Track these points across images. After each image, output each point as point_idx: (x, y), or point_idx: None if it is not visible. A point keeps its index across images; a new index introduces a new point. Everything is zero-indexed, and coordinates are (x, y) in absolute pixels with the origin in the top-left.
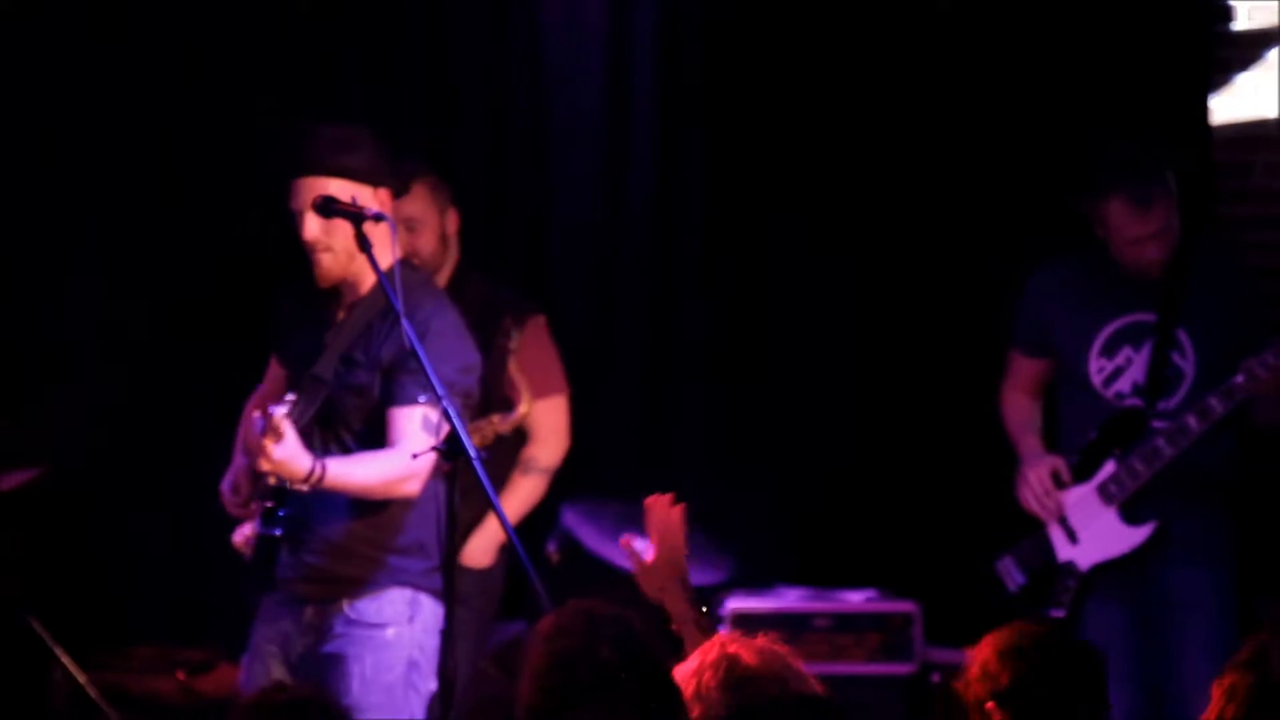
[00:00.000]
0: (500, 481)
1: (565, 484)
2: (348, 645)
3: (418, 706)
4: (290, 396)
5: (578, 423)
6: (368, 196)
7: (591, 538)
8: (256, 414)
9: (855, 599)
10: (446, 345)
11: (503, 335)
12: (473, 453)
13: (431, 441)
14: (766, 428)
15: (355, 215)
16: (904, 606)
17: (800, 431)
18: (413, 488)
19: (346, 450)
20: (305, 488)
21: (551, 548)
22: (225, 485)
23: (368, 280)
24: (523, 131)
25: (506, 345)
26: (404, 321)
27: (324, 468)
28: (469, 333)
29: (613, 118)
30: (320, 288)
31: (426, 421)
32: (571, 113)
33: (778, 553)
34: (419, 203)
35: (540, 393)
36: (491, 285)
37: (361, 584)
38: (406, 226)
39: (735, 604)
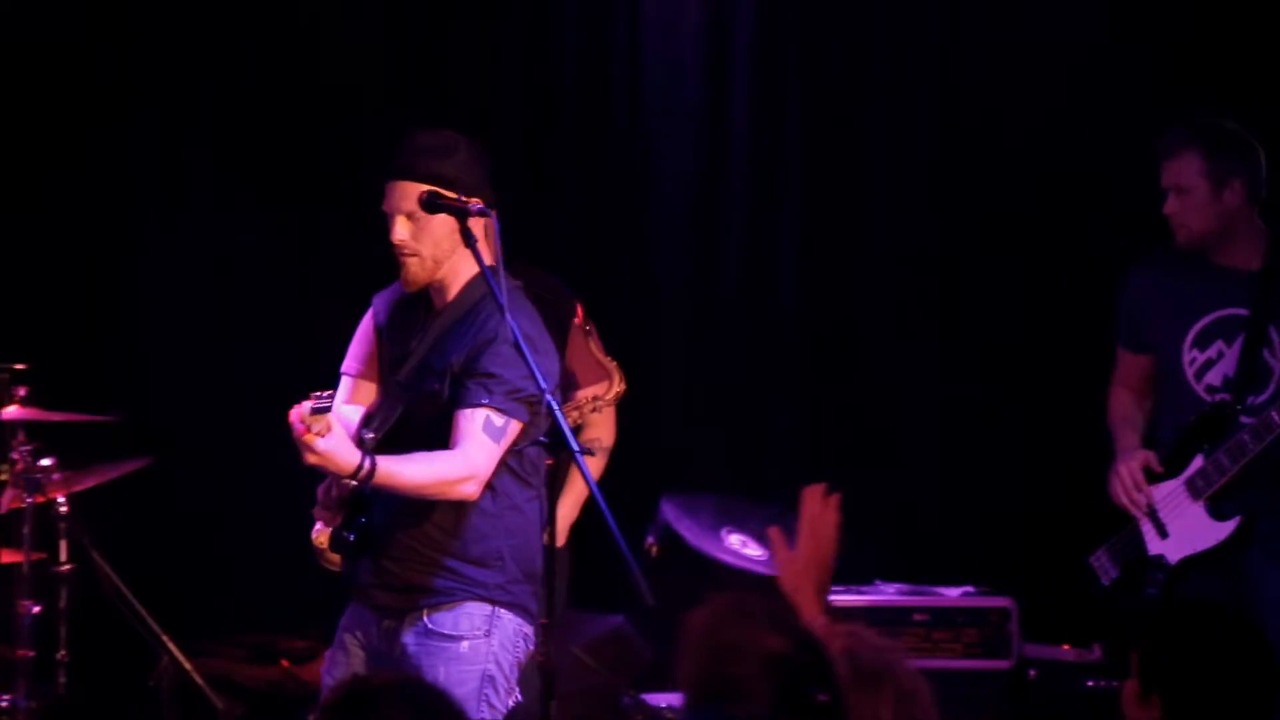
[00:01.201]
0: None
1: (662, 477)
2: (423, 655)
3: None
4: (328, 392)
5: (675, 416)
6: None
7: (690, 531)
8: (299, 407)
9: (952, 594)
10: (511, 351)
11: (575, 318)
12: (575, 446)
13: (492, 445)
14: (863, 422)
15: (460, 210)
16: (1001, 602)
17: (897, 427)
18: (469, 489)
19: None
20: (355, 483)
21: (651, 541)
22: (320, 487)
23: (455, 286)
24: (621, 131)
25: (584, 327)
26: (508, 316)
27: (373, 463)
28: (548, 339)
29: (710, 115)
30: (408, 292)
31: (489, 424)
32: (669, 109)
33: (876, 548)
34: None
35: (594, 379)
36: (536, 272)
37: (436, 593)
38: None
39: (833, 599)
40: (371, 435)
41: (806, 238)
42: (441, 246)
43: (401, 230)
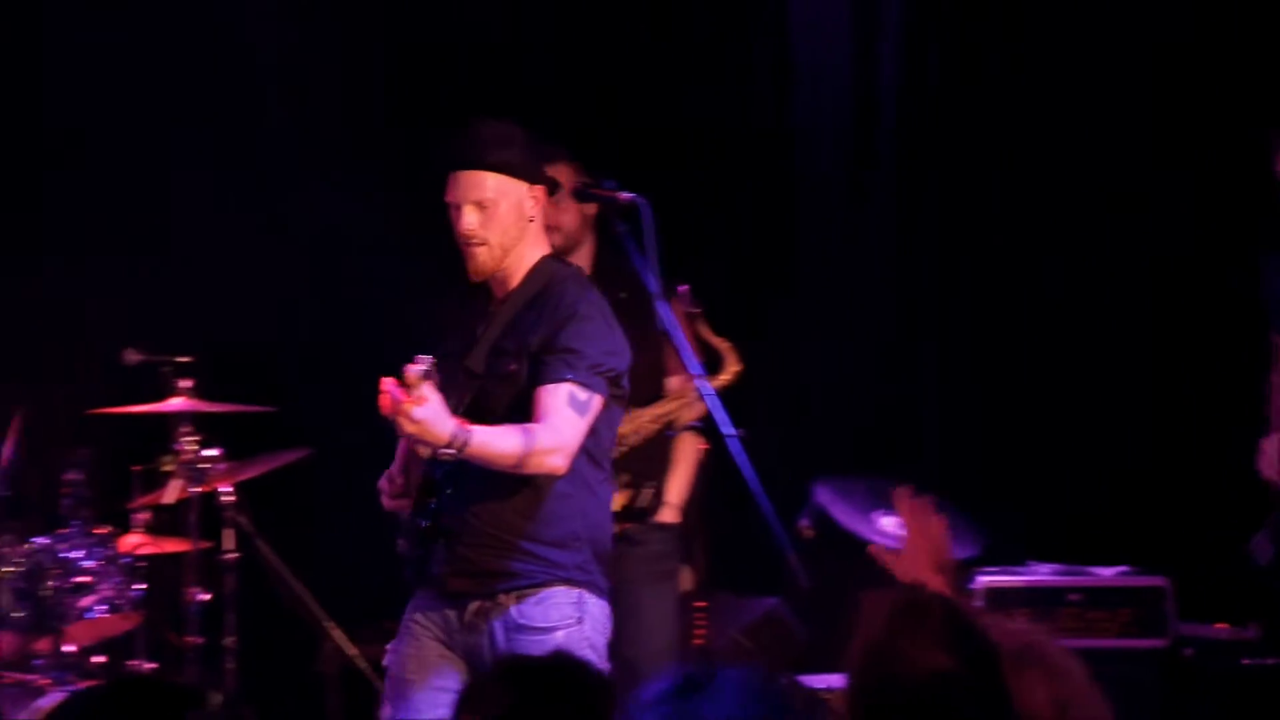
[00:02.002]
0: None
1: (817, 460)
2: (519, 650)
3: None
4: (429, 357)
5: (831, 400)
6: (524, 193)
7: (844, 514)
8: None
9: (1107, 574)
10: (592, 328)
11: (685, 304)
12: (728, 431)
13: (577, 419)
14: (1016, 404)
15: (609, 200)
16: (1156, 581)
17: (1050, 408)
18: (557, 462)
19: None
20: (451, 454)
21: (804, 524)
22: (383, 479)
23: (519, 273)
24: (766, 130)
25: (689, 311)
26: (660, 304)
27: (468, 433)
28: (616, 321)
29: (857, 116)
30: (472, 282)
31: (573, 398)
32: (815, 110)
33: (1030, 529)
34: (561, 179)
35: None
36: (628, 258)
37: (516, 577)
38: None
39: (988, 580)
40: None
41: (950, 233)
42: (509, 235)
43: (471, 219)
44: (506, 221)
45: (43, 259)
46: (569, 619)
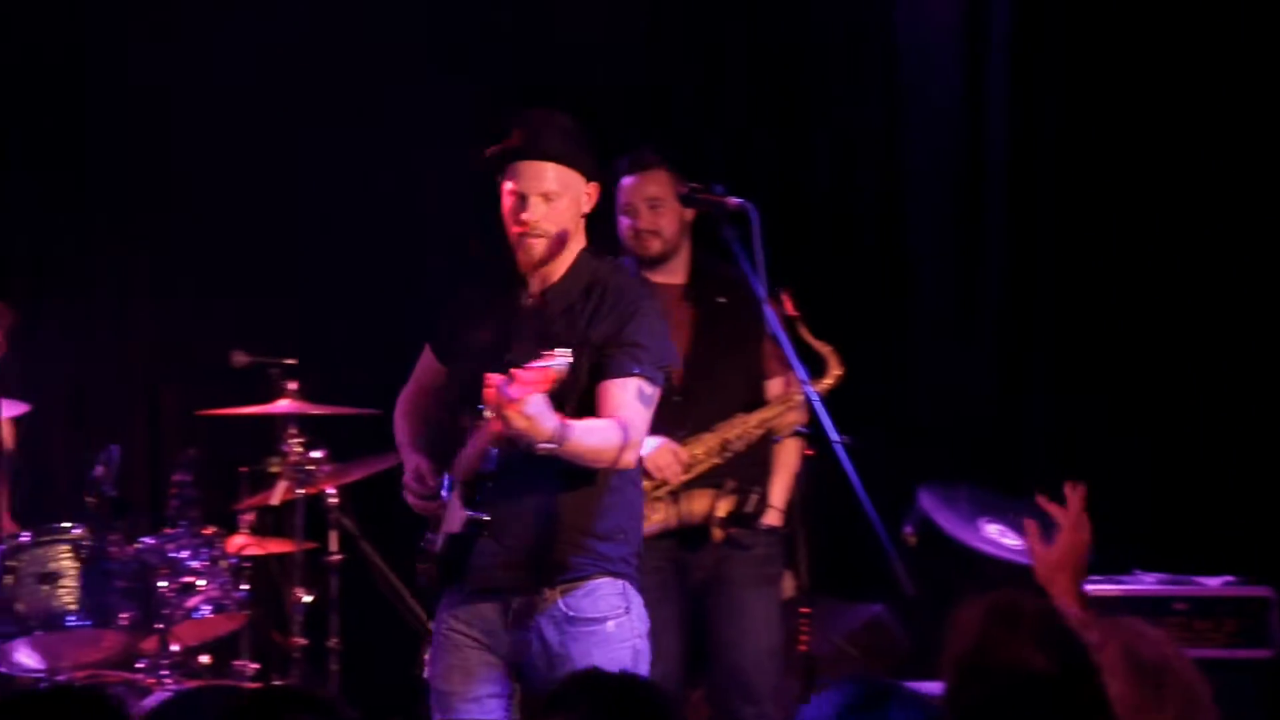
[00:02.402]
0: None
1: (920, 467)
2: (571, 643)
3: None
4: (565, 350)
5: (938, 406)
6: (582, 187)
7: (948, 520)
8: (506, 376)
9: (1213, 584)
10: (654, 323)
11: (781, 306)
12: (834, 436)
13: (645, 413)
14: (1124, 413)
15: (717, 205)
16: (1261, 592)
17: (1158, 418)
18: (631, 458)
19: None
20: (551, 449)
21: (908, 530)
22: (408, 477)
23: (562, 267)
24: (876, 131)
25: (794, 315)
26: (767, 307)
27: (566, 428)
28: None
29: (967, 118)
30: (504, 275)
31: (641, 392)
32: (926, 110)
33: (1135, 538)
34: (662, 186)
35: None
36: (726, 263)
37: (568, 570)
38: (650, 205)
39: (1094, 588)
40: (488, 414)
41: (1065, 236)
42: (567, 228)
43: (538, 209)
44: (566, 215)
45: (154, 261)
46: (618, 609)
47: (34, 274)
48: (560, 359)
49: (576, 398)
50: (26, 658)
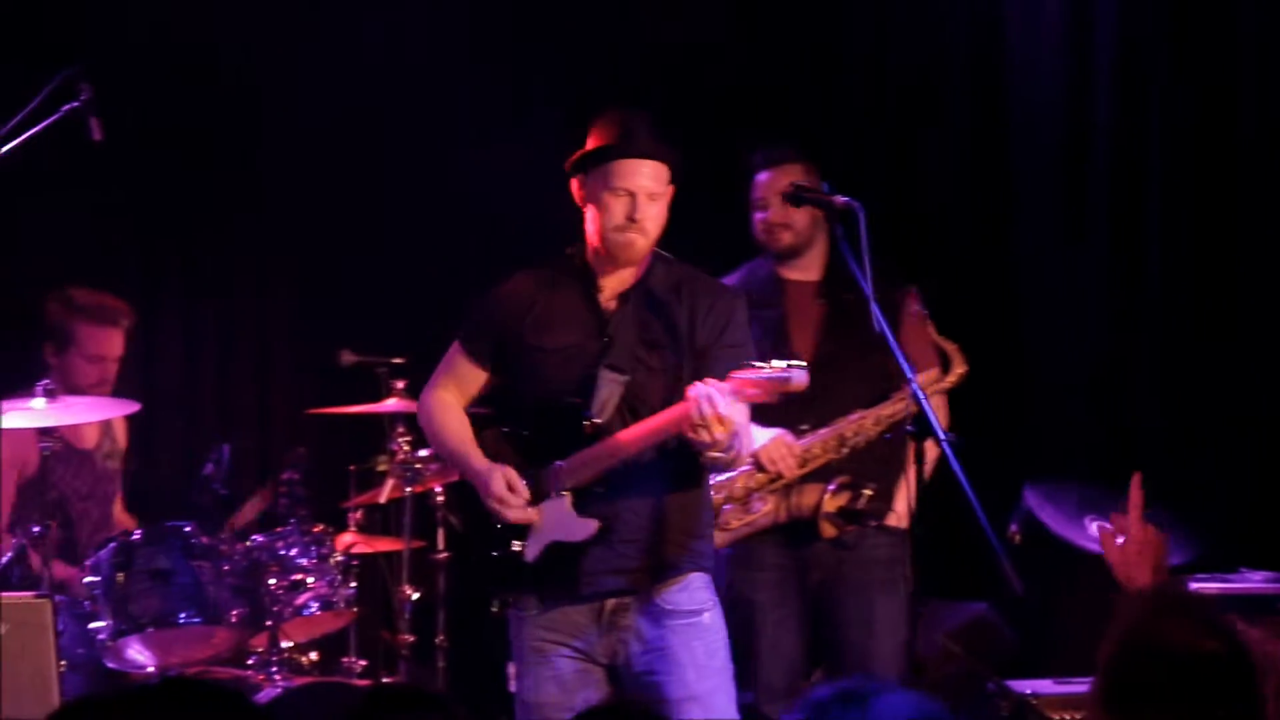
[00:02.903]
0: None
1: (1027, 464)
2: (671, 637)
3: (733, 684)
4: (799, 362)
5: (1039, 401)
6: (671, 190)
7: (1053, 519)
8: (703, 385)
9: None
10: (748, 327)
11: (913, 302)
12: (940, 434)
13: (743, 414)
14: (1233, 412)
15: (826, 203)
16: None
17: (1267, 417)
18: (741, 460)
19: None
20: (721, 456)
21: (1014, 528)
22: (497, 487)
23: (640, 267)
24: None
25: (919, 313)
26: (874, 307)
27: (738, 434)
28: None
29: (1072, 109)
30: (559, 275)
31: None
32: (1031, 105)
33: (1244, 536)
34: (794, 180)
35: (926, 364)
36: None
37: (671, 568)
38: (782, 199)
39: (1199, 586)
40: (597, 419)
41: (1171, 229)
42: (661, 228)
43: (648, 209)
44: (663, 215)
45: (266, 260)
46: (709, 603)
47: (144, 275)
48: (798, 372)
49: (665, 398)
50: (139, 654)
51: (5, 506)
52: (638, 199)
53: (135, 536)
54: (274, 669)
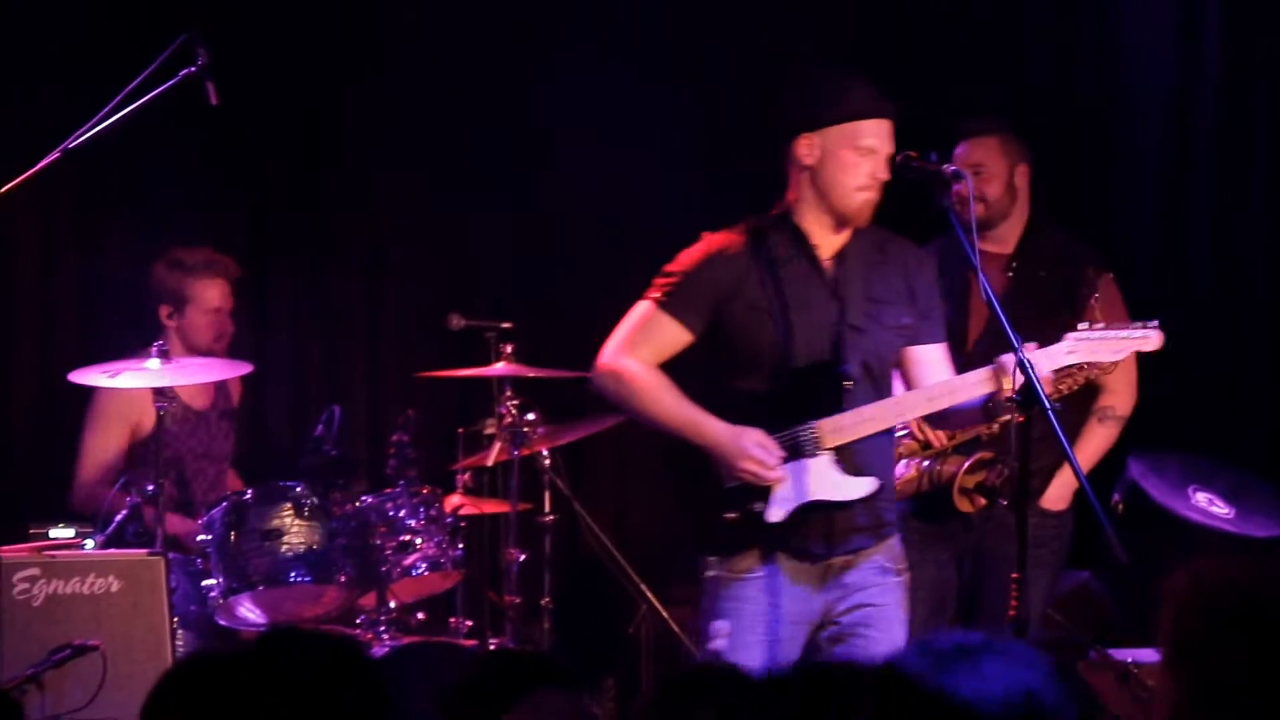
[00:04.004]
0: (1073, 430)
1: (1133, 436)
2: (888, 594)
3: None
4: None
5: (1146, 376)
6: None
7: (1157, 489)
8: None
9: None
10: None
11: (1087, 284)
12: (1046, 404)
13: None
14: None
15: (931, 174)
16: None
17: None
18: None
19: (880, 392)
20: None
21: (1118, 498)
22: (754, 449)
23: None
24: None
25: (1091, 294)
26: (981, 277)
27: None
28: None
29: (1179, 89)
30: (776, 239)
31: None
32: (1138, 84)
33: None
34: (988, 152)
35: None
36: (1065, 238)
37: (887, 528)
38: (974, 171)
39: None
40: (852, 381)
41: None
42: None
43: (884, 169)
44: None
45: (378, 225)
46: (904, 563)
47: (255, 239)
48: (1154, 330)
49: (897, 358)
50: (249, 612)
51: (111, 463)
52: (883, 159)
53: (247, 496)
54: (382, 628)
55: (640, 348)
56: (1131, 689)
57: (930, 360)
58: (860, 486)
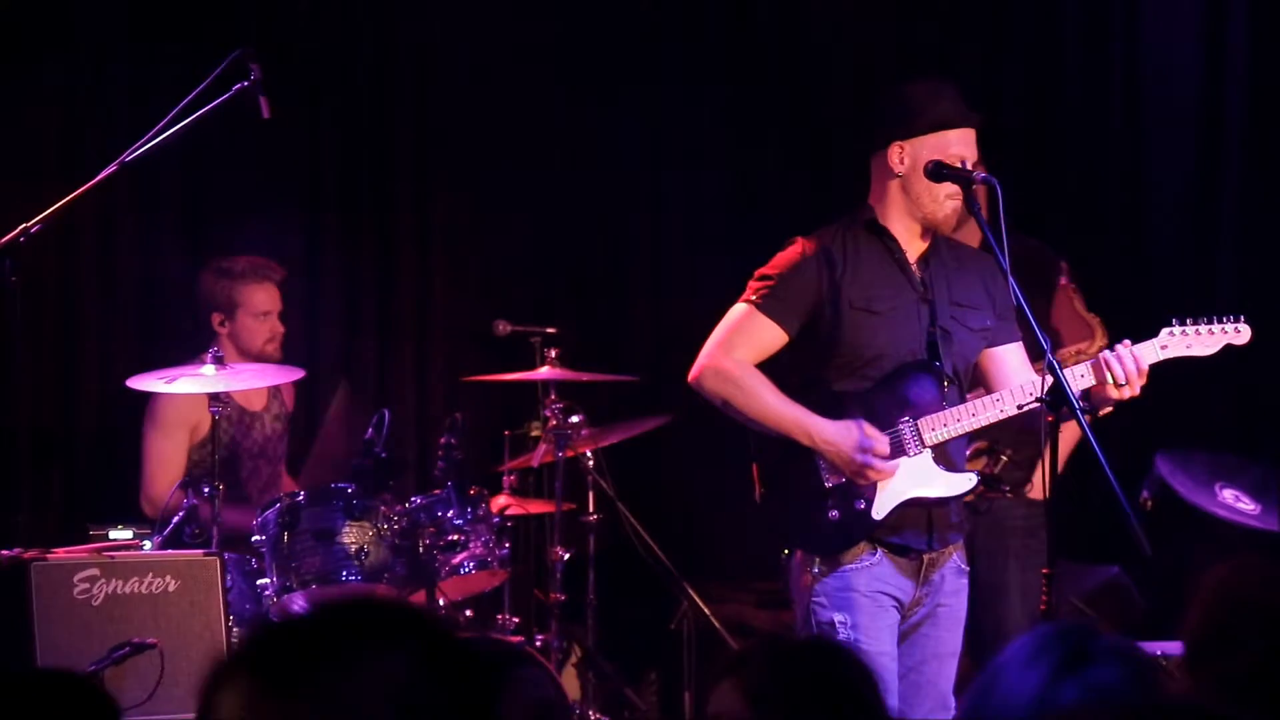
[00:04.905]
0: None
1: (1160, 432)
2: (961, 595)
3: None
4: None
5: (1171, 375)
6: None
7: (1184, 485)
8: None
9: None
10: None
11: (1064, 276)
12: (1076, 404)
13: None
14: None
15: (964, 179)
16: None
17: None
18: None
19: (964, 391)
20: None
21: (1145, 495)
22: (866, 444)
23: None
24: (1118, 130)
25: (1069, 285)
26: (1010, 280)
27: None
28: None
29: (1206, 107)
30: (868, 243)
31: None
32: (1166, 100)
33: None
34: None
35: (1077, 335)
36: (1024, 237)
37: (963, 528)
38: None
39: None
40: (949, 380)
41: None
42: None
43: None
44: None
45: (426, 233)
46: (967, 565)
47: (308, 247)
48: (1244, 325)
49: (971, 365)
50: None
51: (176, 468)
52: (967, 165)
53: (300, 498)
54: None
55: (739, 349)
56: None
57: (1009, 360)
58: (960, 483)
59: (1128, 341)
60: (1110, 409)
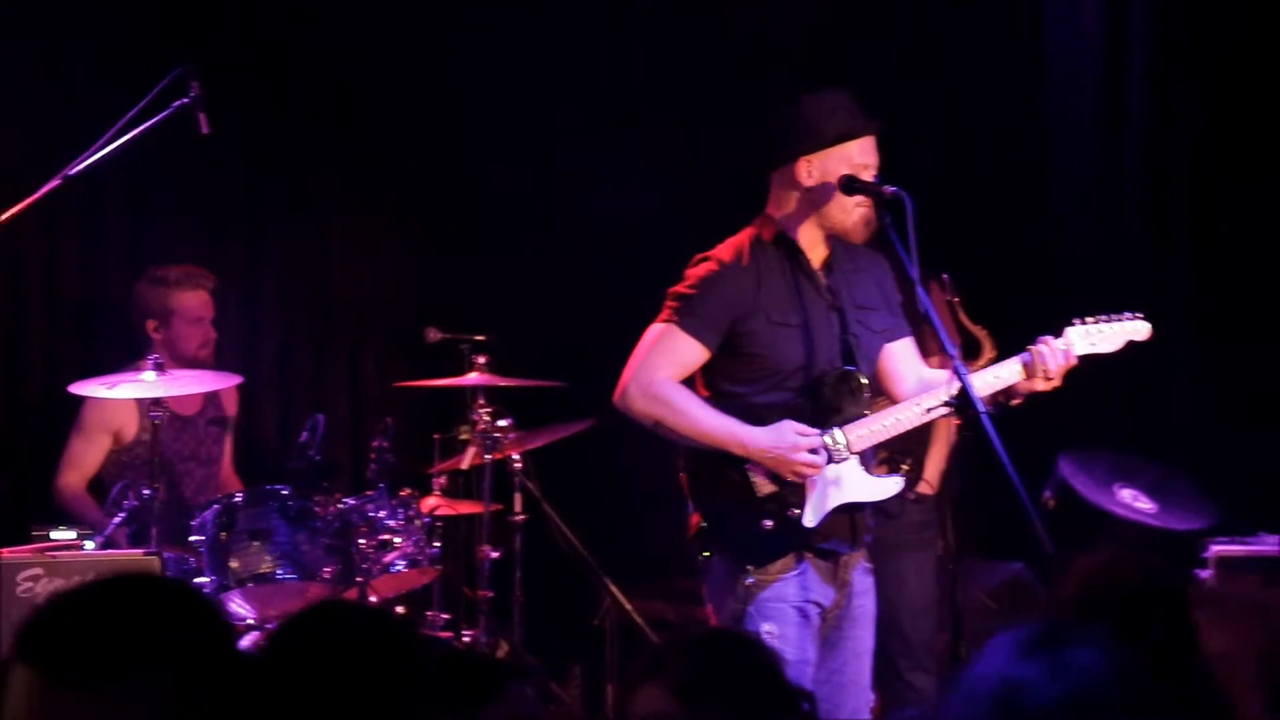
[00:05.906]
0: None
1: (1060, 434)
2: (870, 594)
3: None
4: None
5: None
6: None
7: (1084, 485)
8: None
9: None
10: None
11: (947, 291)
12: (980, 408)
13: None
14: (1253, 382)
15: (874, 193)
16: None
17: None
18: None
19: (877, 394)
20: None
21: (1048, 495)
22: (803, 445)
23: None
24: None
25: (952, 299)
26: (920, 290)
27: None
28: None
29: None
30: (770, 254)
31: None
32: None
33: (1264, 502)
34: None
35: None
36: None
37: (871, 529)
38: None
39: (1219, 549)
40: (867, 385)
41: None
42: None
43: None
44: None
45: (360, 245)
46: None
47: (248, 257)
48: (1142, 321)
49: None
50: (239, 607)
51: (87, 467)
52: (870, 174)
53: (237, 499)
54: None
55: (662, 368)
56: None
57: (905, 354)
58: (888, 487)
59: (1048, 338)
60: (1021, 399)
